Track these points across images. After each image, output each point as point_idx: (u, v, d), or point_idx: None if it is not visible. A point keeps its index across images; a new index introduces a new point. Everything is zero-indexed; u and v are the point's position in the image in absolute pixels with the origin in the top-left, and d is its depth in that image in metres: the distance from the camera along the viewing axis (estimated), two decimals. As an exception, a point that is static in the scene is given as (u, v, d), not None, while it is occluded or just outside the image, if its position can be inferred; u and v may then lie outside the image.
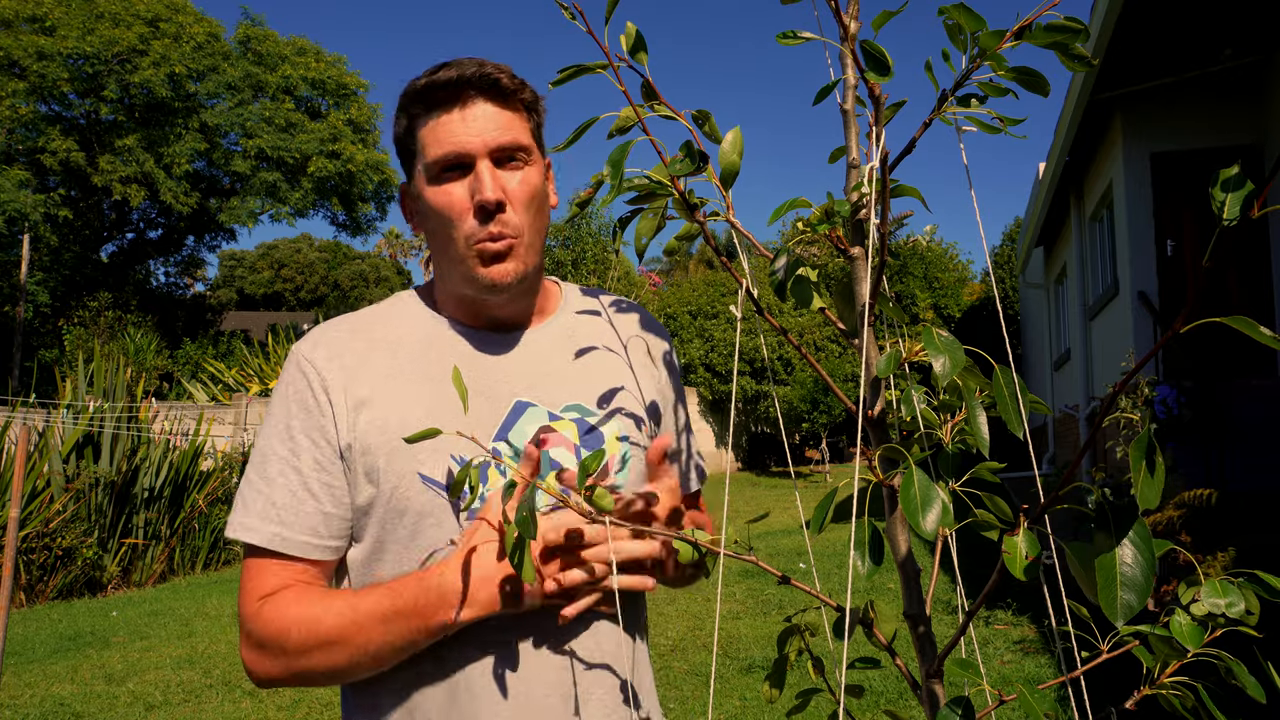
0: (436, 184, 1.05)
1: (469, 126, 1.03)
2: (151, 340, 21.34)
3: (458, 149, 1.03)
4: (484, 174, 1.03)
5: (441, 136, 1.04)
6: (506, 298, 1.09)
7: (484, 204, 1.03)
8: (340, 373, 1.05)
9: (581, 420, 1.10)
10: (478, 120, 1.04)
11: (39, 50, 21.20)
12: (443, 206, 1.05)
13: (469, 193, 1.04)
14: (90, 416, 9.15)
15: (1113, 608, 0.62)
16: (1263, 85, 7.33)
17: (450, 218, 1.05)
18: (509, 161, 1.06)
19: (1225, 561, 4.12)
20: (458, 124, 1.03)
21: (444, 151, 1.04)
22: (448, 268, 1.09)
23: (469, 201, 1.04)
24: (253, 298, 45.33)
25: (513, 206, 1.05)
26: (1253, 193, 0.58)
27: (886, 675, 4.65)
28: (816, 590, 0.86)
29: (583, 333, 1.17)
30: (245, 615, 1.03)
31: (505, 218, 1.04)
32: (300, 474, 1.03)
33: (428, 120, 1.05)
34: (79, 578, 8.43)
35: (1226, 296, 7.45)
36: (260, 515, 1.03)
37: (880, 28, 0.72)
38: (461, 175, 1.05)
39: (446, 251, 1.07)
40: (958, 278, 21.02)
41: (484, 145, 1.04)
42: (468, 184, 1.04)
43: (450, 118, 1.04)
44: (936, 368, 0.69)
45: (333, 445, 1.03)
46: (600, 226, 21.81)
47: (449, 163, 1.04)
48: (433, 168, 1.05)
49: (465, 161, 1.04)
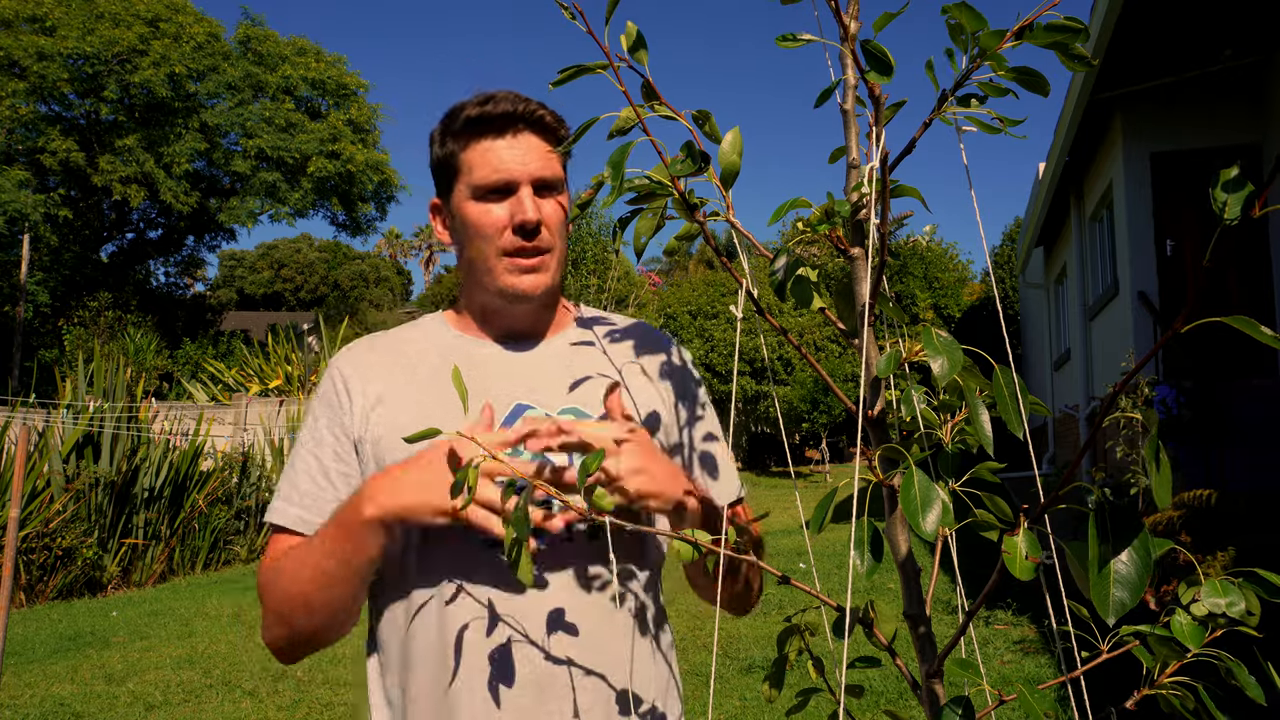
0: (481, 202, 1.16)
1: (516, 155, 1.15)
2: (151, 340, 21.35)
3: (505, 175, 1.14)
4: (525, 199, 1.14)
5: (492, 161, 1.15)
6: (529, 309, 1.20)
7: (525, 224, 1.14)
8: (361, 374, 1.17)
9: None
10: (525, 151, 1.15)
11: (39, 50, 21.21)
12: (485, 224, 1.15)
13: (509, 213, 1.15)
14: (90, 416, 9.15)
15: (1105, 604, 0.62)
16: (1263, 85, 7.33)
17: (490, 234, 1.15)
18: (546, 190, 1.17)
19: (1225, 561, 4.12)
20: (505, 152, 1.15)
21: (494, 176, 1.14)
22: (479, 278, 1.19)
23: (508, 220, 1.15)
24: (253, 298, 45.35)
25: (547, 229, 1.16)
26: (1253, 193, 0.58)
27: (886, 675, 4.65)
28: (816, 590, 0.86)
29: (587, 349, 1.24)
30: (260, 583, 1.14)
31: (541, 238, 1.16)
32: (321, 463, 1.15)
33: (477, 143, 1.16)
34: (79, 578, 8.43)
35: (1226, 296, 7.45)
36: (285, 499, 1.15)
37: (881, 29, 0.72)
38: (502, 198, 1.15)
39: (481, 262, 1.17)
40: (958, 278, 21.03)
41: (528, 174, 1.15)
42: (509, 205, 1.15)
43: (500, 144, 1.15)
44: (935, 368, 0.69)
45: (350, 438, 1.14)
46: (600, 226, 21.80)
47: (495, 186, 1.15)
48: (480, 188, 1.15)
49: (510, 187, 1.15)
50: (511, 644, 1.06)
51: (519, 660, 1.06)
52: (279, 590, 1.09)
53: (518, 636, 1.06)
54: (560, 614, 1.07)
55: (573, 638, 1.07)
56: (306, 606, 1.08)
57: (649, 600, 1.16)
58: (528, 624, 1.07)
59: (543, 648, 1.06)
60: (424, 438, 0.91)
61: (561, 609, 1.07)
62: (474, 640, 1.06)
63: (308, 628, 1.10)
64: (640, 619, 1.14)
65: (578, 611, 1.08)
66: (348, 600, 1.08)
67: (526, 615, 1.06)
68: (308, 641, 1.12)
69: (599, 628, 1.09)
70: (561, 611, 1.07)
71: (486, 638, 1.06)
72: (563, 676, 1.06)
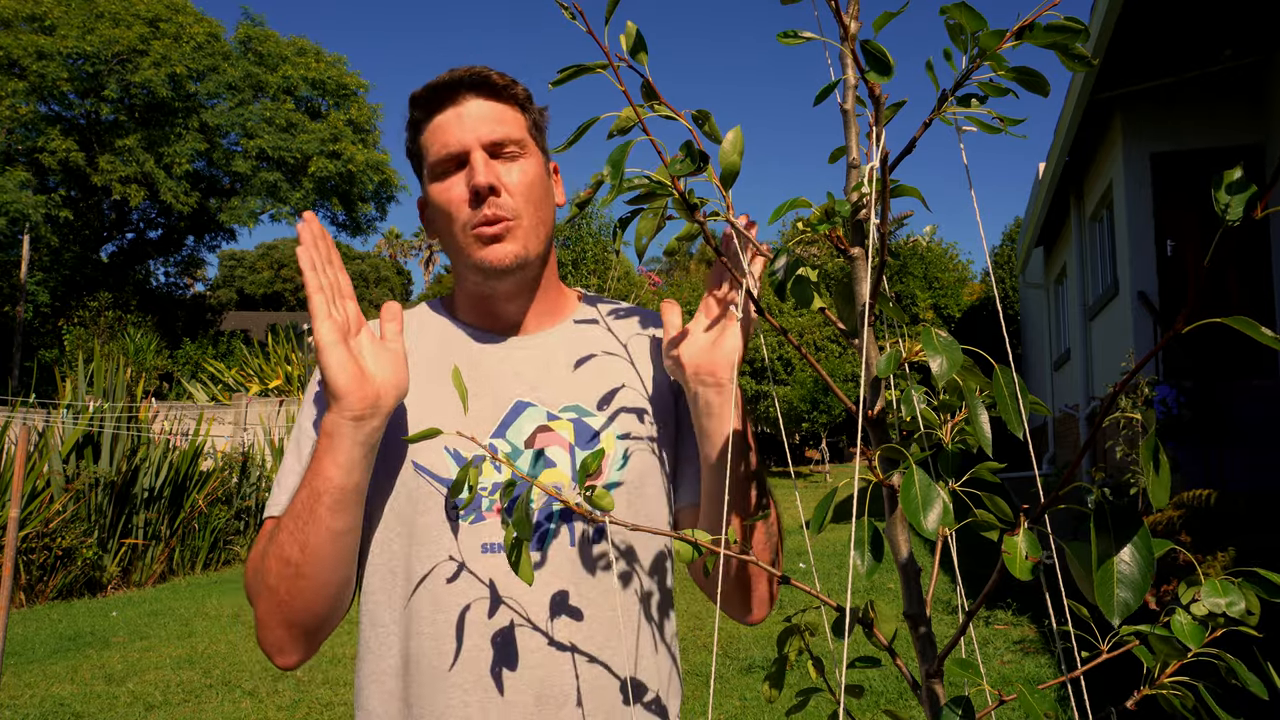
0: (439, 181, 1.12)
1: (463, 123, 1.10)
2: (151, 340, 21.35)
3: (453, 145, 1.09)
4: (477, 163, 1.09)
5: (439, 136, 1.10)
6: (511, 285, 1.14)
7: (476, 189, 1.08)
8: None
9: (579, 420, 1.12)
10: (471, 117, 1.10)
11: (39, 50, 21.20)
12: (444, 201, 1.11)
13: (466, 184, 1.09)
14: (90, 416, 9.15)
15: (1109, 605, 0.62)
16: (1263, 85, 7.33)
17: (450, 210, 1.11)
18: (504, 153, 1.11)
19: (1225, 561, 4.12)
20: (453, 121, 1.10)
21: (442, 150, 1.10)
22: (456, 263, 1.15)
23: (465, 192, 1.09)
24: (253, 298, 45.34)
25: (508, 193, 1.10)
26: (1256, 194, 0.58)
27: (886, 675, 4.65)
28: (816, 590, 0.86)
29: (590, 337, 1.20)
30: (247, 578, 1.08)
31: (500, 201, 1.09)
32: (303, 459, 1.11)
33: (428, 124, 1.12)
34: (79, 578, 8.42)
35: (1226, 296, 7.45)
36: (273, 499, 1.12)
37: (881, 28, 0.72)
38: (460, 170, 1.11)
39: (451, 244, 1.13)
40: (958, 278, 21.04)
41: (477, 139, 1.09)
42: (464, 175, 1.10)
43: (446, 117, 1.11)
44: (934, 368, 0.68)
45: None
46: (600, 226, 21.80)
47: (448, 159, 1.10)
48: (435, 168, 1.11)
49: (462, 157, 1.10)
50: (514, 628, 1.05)
51: (520, 651, 1.04)
52: (267, 567, 1.03)
53: (520, 620, 1.05)
54: (562, 603, 1.06)
55: (575, 627, 1.05)
56: (297, 572, 1.01)
57: (655, 587, 1.13)
58: (529, 613, 1.05)
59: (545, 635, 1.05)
60: (424, 438, 0.90)
61: (564, 598, 1.06)
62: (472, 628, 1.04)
63: (300, 603, 1.02)
64: (645, 607, 1.11)
65: (581, 601, 1.07)
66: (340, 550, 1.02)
67: (528, 607, 1.05)
68: (304, 625, 1.04)
69: (601, 617, 1.07)
70: (563, 600, 1.06)
71: (485, 630, 1.04)
72: (566, 669, 1.04)
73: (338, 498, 1.00)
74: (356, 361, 1.01)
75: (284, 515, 1.03)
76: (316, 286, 1.02)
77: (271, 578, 1.02)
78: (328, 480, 1.00)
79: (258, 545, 1.08)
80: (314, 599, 1.03)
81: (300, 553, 1.01)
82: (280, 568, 1.01)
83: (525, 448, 1.10)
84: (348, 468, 1.00)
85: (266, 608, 1.04)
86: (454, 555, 1.06)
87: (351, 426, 1.00)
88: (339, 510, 1.01)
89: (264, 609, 1.04)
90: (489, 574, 1.05)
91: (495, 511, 1.07)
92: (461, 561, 1.06)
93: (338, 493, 1.00)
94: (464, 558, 1.06)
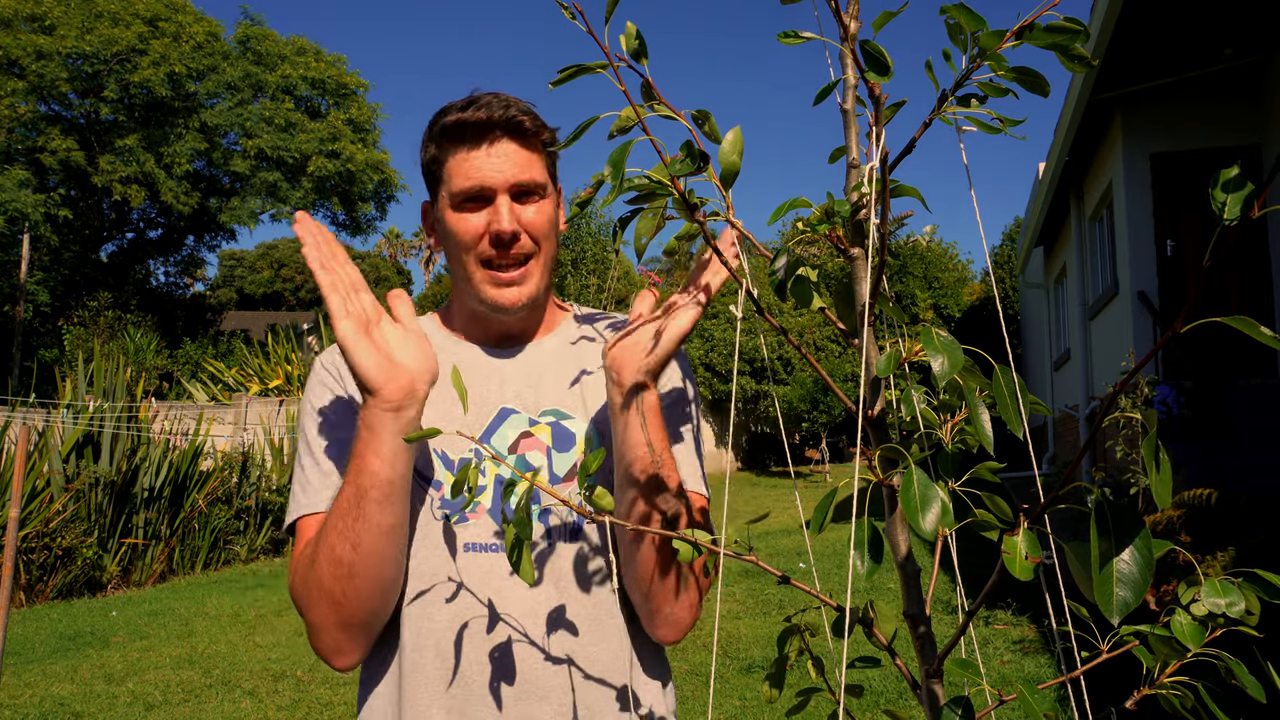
0: (459, 211, 1.15)
1: (492, 163, 1.13)
2: (151, 340, 21.34)
3: (481, 184, 1.13)
4: (502, 208, 1.13)
5: (468, 171, 1.13)
6: (515, 318, 1.20)
7: (500, 234, 1.13)
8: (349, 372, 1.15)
9: (557, 424, 1.17)
10: (501, 158, 1.13)
11: (38, 49, 21.20)
12: (462, 232, 1.15)
13: (486, 222, 1.14)
14: (90, 416, 9.15)
15: (1109, 605, 0.62)
16: (1263, 85, 7.33)
17: (468, 243, 1.15)
18: (527, 195, 1.16)
19: (1225, 561, 4.12)
20: (483, 160, 1.13)
21: (469, 185, 1.13)
22: (462, 285, 1.20)
23: (484, 229, 1.14)
24: (253, 297, 45.33)
25: (528, 234, 1.15)
26: (1253, 193, 0.58)
27: (886, 675, 4.65)
28: (816, 590, 0.86)
29: (577, 347, 1.25)
30: (293, 585, 1.07)
31: (520, 246, 1.15)
32: (315, 458, 1.15)
33: (455, 153, 1.15)
34: (79, 578, 8.42)
35: (1226, 296, 7.45)
36: (295, 500, 1.14)
37: (880, 28, 0.72)
38: (481, 206, 1.14)
39: (461, 270, 1.18)
40: (958, 278, 21.04)
41: (505, 182, 1.13)
42: (486, 214, 1.14)
43: (477, 154, 1.13)
44: (935, 367, 0.69)
45: (354, 412, 1.13)
46: (600, 226, 21.80)
47: (472, 194, 1.14)
48: (457, 197, 1.15)
49: (487, 195, 1.14)
50: (511, 642, 1.07)
51: (516, 656, 1.07)
52: (318, 571, 1.02)
53: (516, 636, 1.07)
54: (544, 600, 1.09)
55: (557, 624, 1.08)
56: (350, 572, 1.01)
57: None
58: (525, 622, 1.08)
59: (539, 645, 1.07)
60: (424, 438, 0.91)
61: (546, 596, 1.09)
62: (471, 639, 1.07)
63: (356, 602, 1.02)
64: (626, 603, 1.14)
65: (574, 604, 1.09)
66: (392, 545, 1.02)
67: (522, 612, 1.08)
68: (362, 624, 1.05)
69: (582, 613, 1.10)
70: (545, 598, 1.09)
71: (485, 636, 1.07)
72: (546, 664, 1.07)
73: (386, 491, 1.01)
74: (384, 352, 1.03)
75: (330, 516, 1.03)
76: (330, 285, 1.02)
77: (326, 581, 1.02)
78: (373, 475, 1.00)
79: (300, 552, 1.07)
80: (370, 597, 1.04)
81: (353, 551, 1.01)
82: (334, 569, 1.01)
83: (509, 453, 1.15)
84: (391, 460, 1.01)
85: (322, 612, 1.03)
86: (441, 554, 1.10)
87: (391, 418, 1.01)
88: (387, 504, 1.01)
89: (319, 614, 1.04)
90: (473, 572, 1.09)
91: (480, 512, 1.11)
92: (448, 560, 1.10)
93: (385, 486, 1.01)
94: (450, 556, 1.09)
